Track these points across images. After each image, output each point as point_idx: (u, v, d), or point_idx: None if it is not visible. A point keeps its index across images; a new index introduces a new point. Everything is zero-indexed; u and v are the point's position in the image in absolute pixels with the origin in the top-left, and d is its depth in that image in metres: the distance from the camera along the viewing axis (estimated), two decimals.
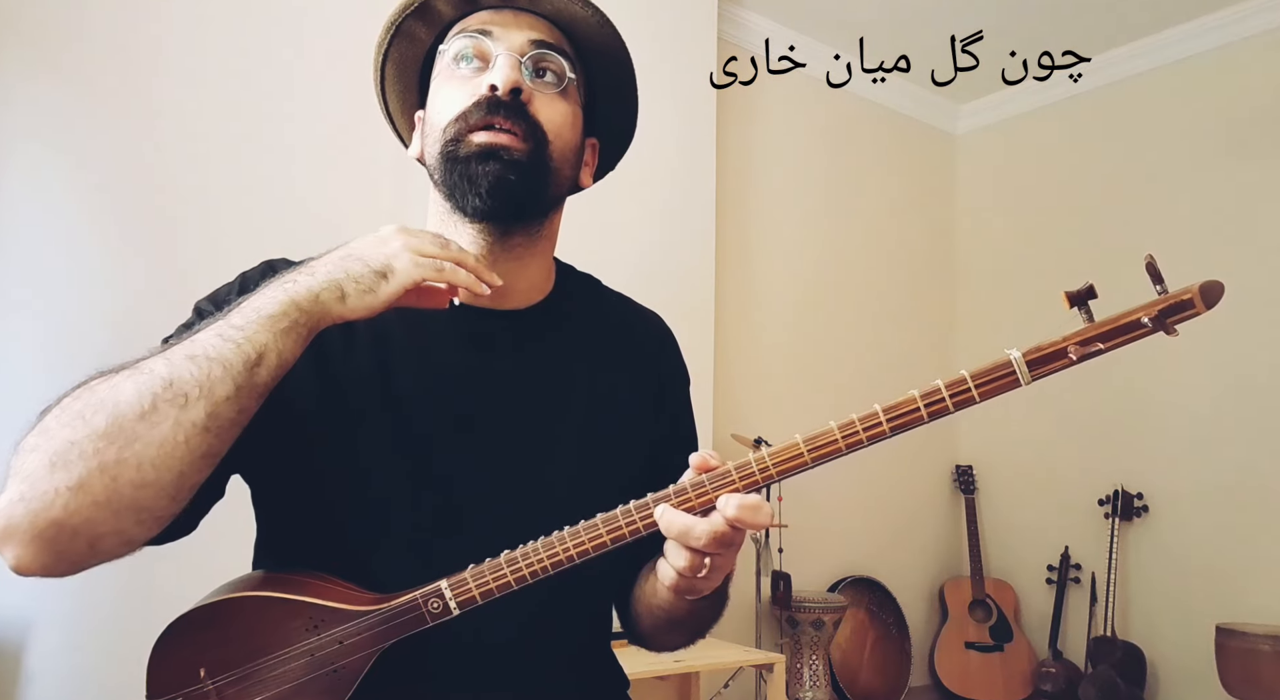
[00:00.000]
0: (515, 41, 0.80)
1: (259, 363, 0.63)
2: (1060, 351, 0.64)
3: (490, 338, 0.84)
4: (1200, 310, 0.61)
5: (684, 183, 2.86)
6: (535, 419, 0.83)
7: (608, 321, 0.93)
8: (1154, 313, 0.62)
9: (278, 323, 0.64)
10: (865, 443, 0.65)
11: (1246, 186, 3.13)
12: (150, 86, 1.98)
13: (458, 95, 0.79)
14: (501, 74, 0.77)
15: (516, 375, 0.83)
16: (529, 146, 0.78)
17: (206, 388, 0.61)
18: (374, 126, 2.13)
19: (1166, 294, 0.62)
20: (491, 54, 0.80)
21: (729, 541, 0.66)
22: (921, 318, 3.91)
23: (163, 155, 1.97)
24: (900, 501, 3.67)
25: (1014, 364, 0.64)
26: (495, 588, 0.69)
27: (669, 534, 0.66)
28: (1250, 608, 2.96)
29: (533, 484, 0.81)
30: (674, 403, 0.95)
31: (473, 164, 0.77)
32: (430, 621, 0.70)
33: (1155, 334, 0.62)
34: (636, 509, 0.68)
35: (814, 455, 0.66)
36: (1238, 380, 3.04)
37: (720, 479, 0.67)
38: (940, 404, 0.65)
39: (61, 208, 1.87)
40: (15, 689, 1.73)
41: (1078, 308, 0.65)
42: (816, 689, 2.90)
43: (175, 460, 0.60)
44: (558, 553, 0.68)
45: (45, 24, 1.88)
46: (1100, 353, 0.63)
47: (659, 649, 0.92)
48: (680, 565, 0.67)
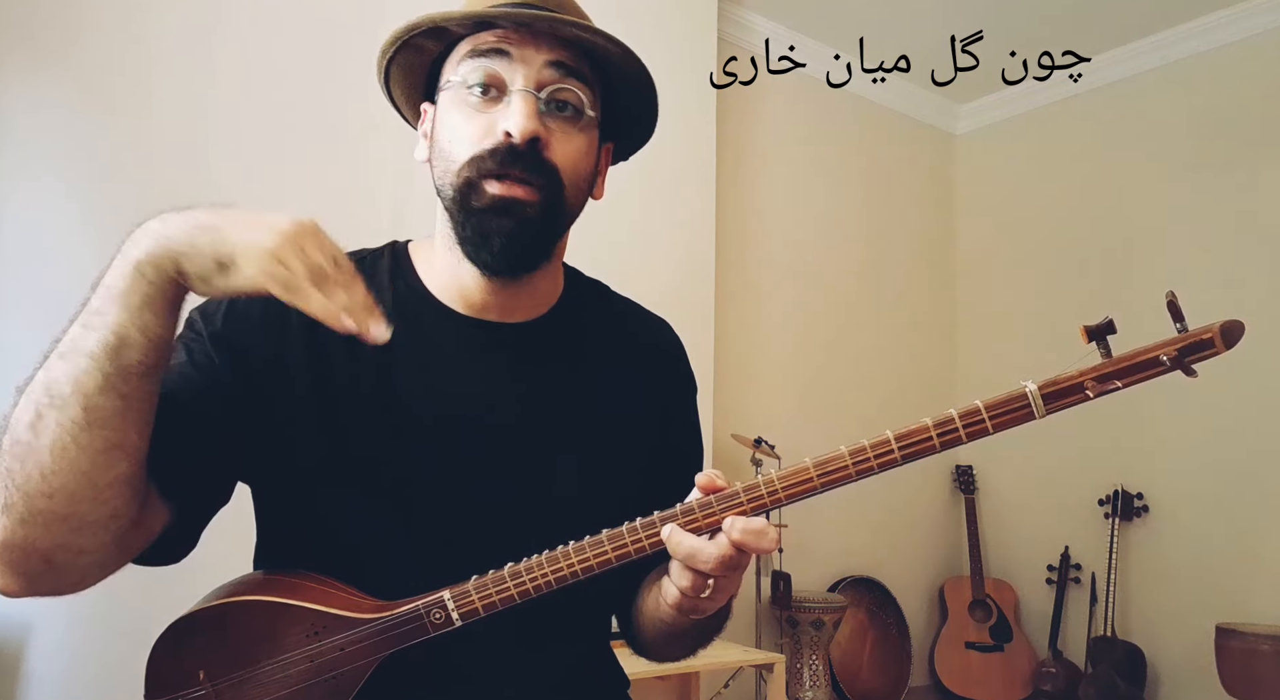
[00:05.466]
0: (532, 65, 0.75)
1: (121, 346, 0.59)
2: (1076, 387, 0.63)
3: (496, 350, 0.83)
4: (1220, 350, 0.61)
5: (684, 183, 2.86)
6: (540, 431, 0.82)
7: (615, 331, 0.92)
8: (1173, 352, 0.61)
9: (129, 298, 0.59)
10: (876, 470, 0.65)
11: (1246, 186, 3.13)
12: (151, 86, 1.97)
13: (470, 130, 0.76)
14: (518, 121, 0.73)
15: (522, 388, 0.83)
16: (544, 196, 0.75)
17: (77, 384, 0.59)
18: (375, 127, 2.14)
19: (1186, 332, 0.61)
20: (506, 84, 0.76)
21: (734, 564, 0.65)
22: (921, 317, 3.91)
23: (163, 155, 1.97)
24: (900, 501, 3.67)
25: (1029, 397, 0.64)
26: (498, 600, 0.69)
27: (676, 555, 0.66)
28: (1250, 608, 2.96)
29: (537, 496, 0.81)
30: (681, 413, 0.95)
31: (488, 218, 0.75)
32: (432, 632, 0.70)
33: (1174, 372, 0.62)
34: (643, 527, 0.67)
35: (824, 480, 0.65)
36: (1238, 380, 3.04)
37: (728, 500, 0.66)
38: (953, 434, 0.64)
39: (61, 207, 1.87)
40: (15, 689, 1.73)
41: (1095, 342, 0.64)
42: (816, 689, 2.90)
43: (71, 462, 0.59)
44: (562, 568, 0.68)
45: (45, 24, 1.88)
46: (1117, 390, 0.62)
47: (660, 660, 0.92)
48: (684, 586, 0.67)
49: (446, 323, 0.82)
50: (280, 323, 0.78)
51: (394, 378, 0.79)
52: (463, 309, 0.83)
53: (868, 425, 3.48)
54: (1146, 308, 3.52)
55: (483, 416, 0.80)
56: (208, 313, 0.78)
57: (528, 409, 0.82)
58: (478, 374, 0.82)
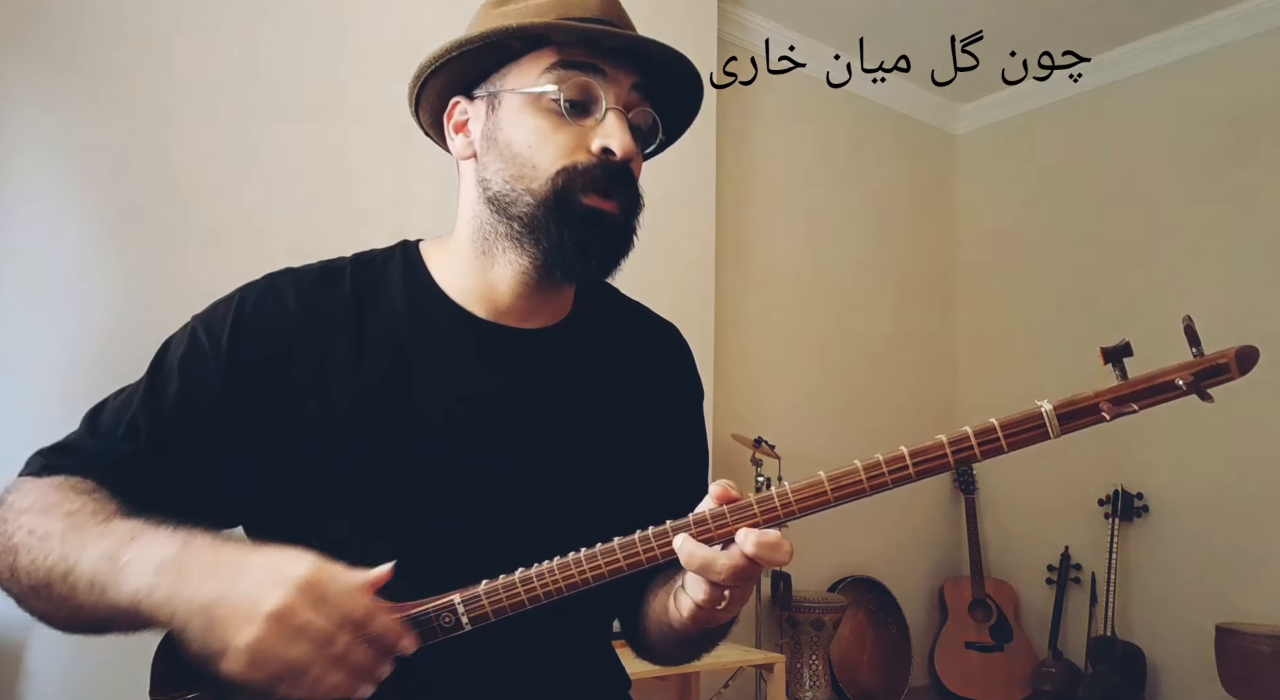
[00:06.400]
0: (623, 86, 0.79)
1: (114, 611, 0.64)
2: (1092, 407, 0.63)
3: (513, 354, 0.83)
4: (1235, 376, 0.62)
5: (684, 183, 2.86)
6: (555, 436, 0.82)
7: (625, 337, 0.92)
8: (1189, 376, 0.62)
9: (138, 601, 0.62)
10: (890, 485, 0.66)
11: (1247, 186, 3.13)
12: (152, 86, 1.97)
13: (560, 140, 0.77)
14: (621, 141, 0.76)
15: (538, 392, 0.83)
16: (628, 210, 0.79)
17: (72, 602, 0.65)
18: (378, 129, 2.14)
19: (1203, 357, 0.62)
20: (600, 100, 0.77)
21: (747, 575, 0.65)
22: (921, 317, 3.91)
23: (164, 155, 1.97)
24: (900, 501, 3.66)
25: (1044, 417, 0.64)
26: (509, 606, 0.69)
27: (689, 567, 0.66)
28: (1250, 608, 2.96)
29: (550, 500, 0.81)
30: (689, 417, 0.96)
31: (584, 228, 0.76)
32: (440, 636, 0.69)
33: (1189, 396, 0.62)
34: (655, 536, 0.67)
35: (837, 494, 0.66)
36: (1238, 380, 3.04)
37: (741, 511, 0.66)
38: (968, 452, 0.64)
39: (61, 207, 1.87)
40: (16, 689, 1.73)
41: (1112, 364, 0.64)
42: (816, 689, 2.90)
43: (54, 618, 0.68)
44: (573, 575, 0.68)
45: (47, 24, 1.88)
46: (1133, 412, 0.63)
47: (664, 663, 0.92)
48: (700, 598, 0.67)
49: (463, 326, 0.82)
50: (287, 331, 0.78)
51: (409, 382, 0.79)
52: (481, 312, 0.83)
53: (868, 424, 3.50)
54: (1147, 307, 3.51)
55: (498, 421, 0.80)
56: (212, 328, 0.78)
57: (543, 413, 0.82)
58: (494, 378, 0.82)
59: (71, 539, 0.65)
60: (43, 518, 0.68)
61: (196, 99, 2.02)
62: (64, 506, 0.68)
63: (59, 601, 0.65)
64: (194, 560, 0.62)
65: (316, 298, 0.81)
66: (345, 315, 0.80)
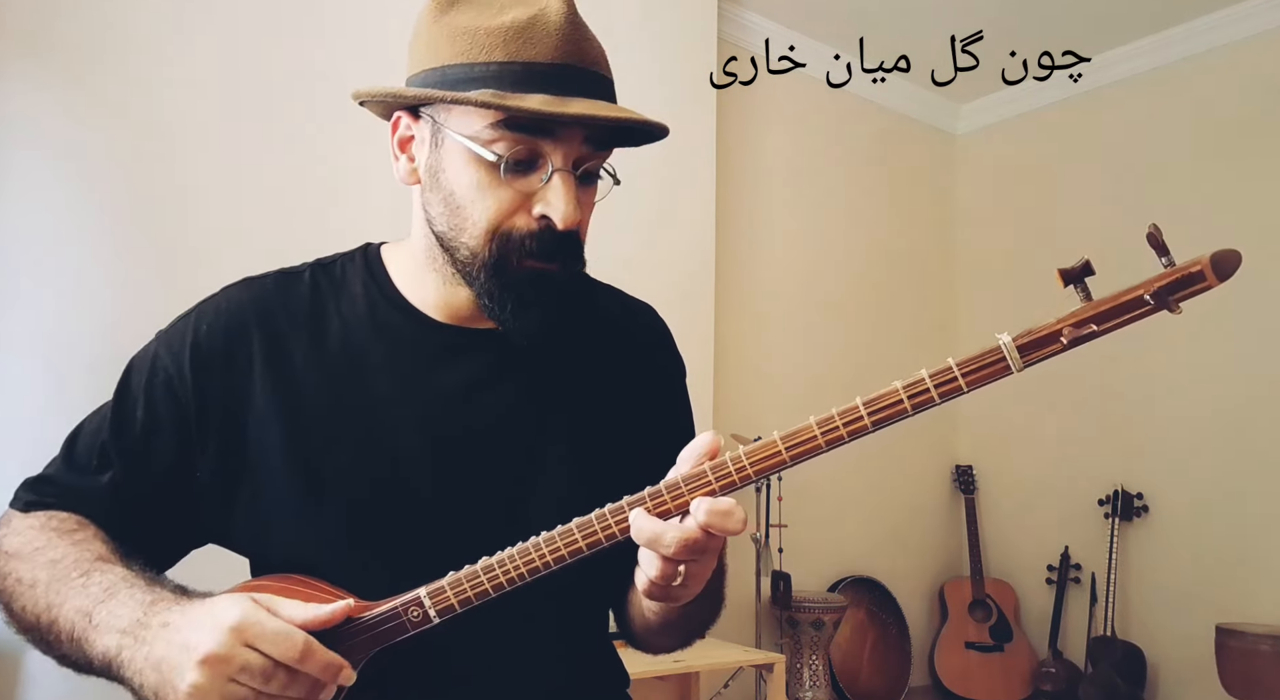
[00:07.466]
0: (573, 143, 0.72)
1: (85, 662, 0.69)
2: (1053, 335, 0.58)
3: (478, 353, 0.82)
4: (1212, 283, 0.55)
5: (684, 183, 2.86)
6: (528, 428, 0.82)
7: (599, 323, 0.90)
8: (1154, 288, 0.56)
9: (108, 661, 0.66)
10: (846, 439, 0.63)
11: (1247, 186, 3.13)
12: (150, 87, 1.98)
13: (499, 199, 0.72)
14: (563, 211, 0.71)
15: (507, 388, 0.82)
16: (572, 271, 0.77)
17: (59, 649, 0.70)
18: (371, 131, 2.13)
19: (1173, 267, 0.56)
20: (546, 161, 0.72)
21: (701, 548, 0.62)
22: (921, 317, 3.91)
23: (160, 155, 1.97)
24: (900, 501, 3.67)
25: (1003, 350, 0.59)
26: (473, 595, 0.68)
27: (638, 540, 0.64)
28: (1250, 608, 2.96)
29: (527, 495, 0.80)
30: (670, 396, 0.94)
31: (524, 289, 0.74)
32: (411, 630, 0.69)
33: (1158, 312, 0.57)
34: (612, 513, 0.66)
35: (792, 453, 0.64)
36: (1238, 380, 3.04)
37: (696, 480, 0.64)
38: (925, 395, 0.61)
39: (60, 207, 1.87)
40: (16, 689, 1.73)
41: (1074, 286, 0.60)
42: (816, 689, 2.90)
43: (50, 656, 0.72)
44: (533, 559, 0.67)
45: (45, 25, 1.88)
46: (1095, 335, 0.57)
47: (652, 651, 0.91)
48: (653, 574, 0.65)
49: (424, 330, 0.81)
50: (246, 345, 0.79)
51: (371, 385, 0.79)
52: (442, 317, 0.82)
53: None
54: None
55: (465, 419, 0.80)
56: (173, 348, 0.79)
57: (514, 407, 0.82)
58: (460, 378, 0.81)
59: (54, 591, 0.69)
60: (29, 565, 0.72)
61: (197, 99, 2.02)
62: (48, 553, 0.72)
63: (49, 646, 0.71)
64: (154, 619, 0.65)
65: (274, 306, 0.81)
66: (303, 320, 0.81)
